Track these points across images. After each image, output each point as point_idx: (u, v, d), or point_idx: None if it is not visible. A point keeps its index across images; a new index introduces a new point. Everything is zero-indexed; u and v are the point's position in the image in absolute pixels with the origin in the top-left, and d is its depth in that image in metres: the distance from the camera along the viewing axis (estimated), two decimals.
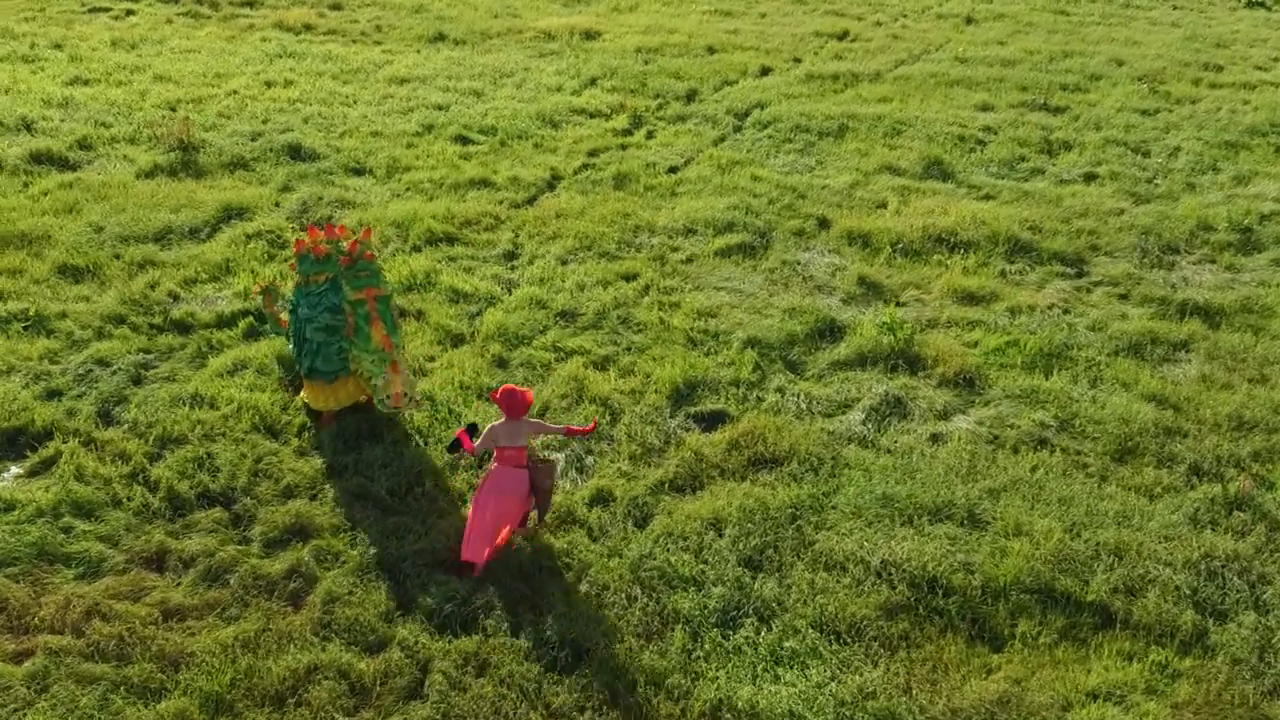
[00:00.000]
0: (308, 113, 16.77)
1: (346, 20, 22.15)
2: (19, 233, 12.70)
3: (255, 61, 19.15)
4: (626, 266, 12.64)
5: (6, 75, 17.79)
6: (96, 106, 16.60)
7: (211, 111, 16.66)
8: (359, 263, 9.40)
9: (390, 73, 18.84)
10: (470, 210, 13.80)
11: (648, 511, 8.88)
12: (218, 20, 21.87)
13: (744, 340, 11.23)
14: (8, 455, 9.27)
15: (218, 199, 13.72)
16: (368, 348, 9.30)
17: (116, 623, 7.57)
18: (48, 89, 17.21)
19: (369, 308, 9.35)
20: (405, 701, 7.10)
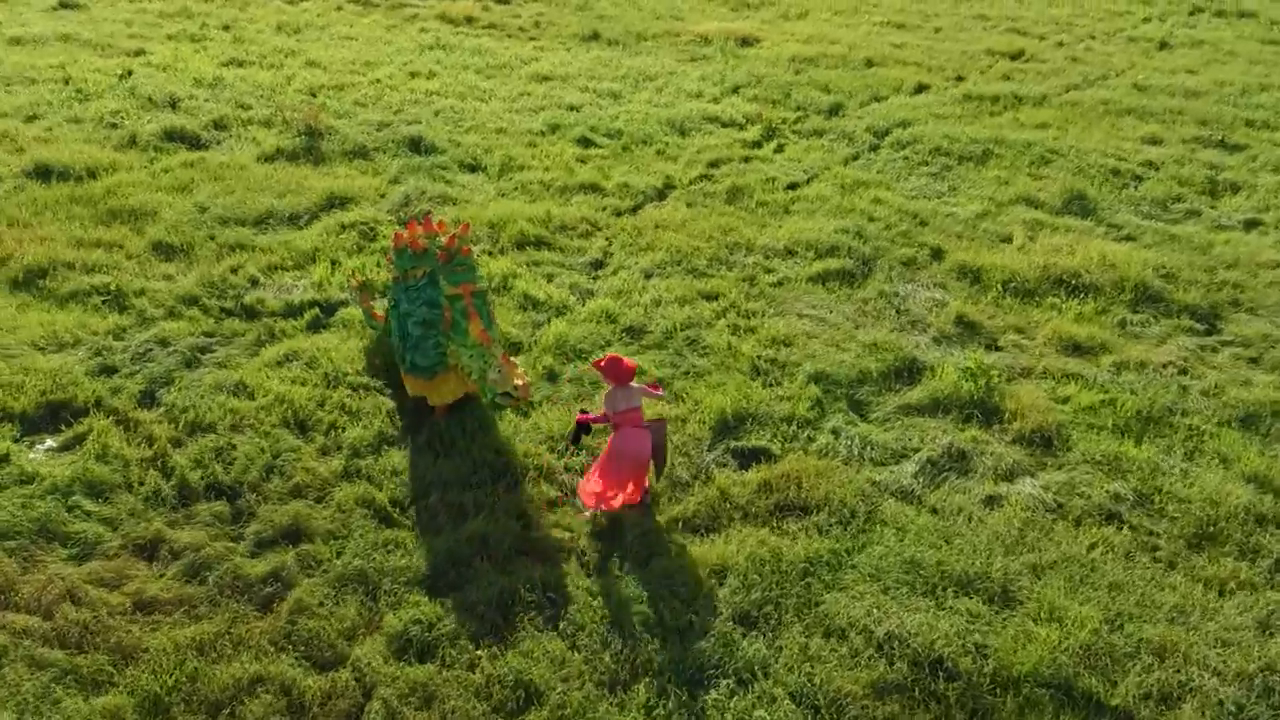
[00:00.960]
0: (440, 105, 16.80)
1: (509, 15, 22.21)
2: (130, 207, 13.03)
3: (406, 52, 19.35)
4: (711, 285, 12.14)
5: (170, 53, 18.43)
6: (243, 88, 17.01)
7: (349, 99, 16.86)
8: (456, 258, 9.31)
9: (533, 70, 18.75)
10: (570, 215, 13.52)
11: (653, 550, 8.40)
12: (385, 8, 22.24)
13: (810, 374, 10.60)
14: (47, 428, 9.41)
15: (325, 187, 13.81)
16: (465, 342, 9.13)
17: (86, 609, 7.56)
18: (203, 69, 17.75)
19: (466, 302, 9.19)
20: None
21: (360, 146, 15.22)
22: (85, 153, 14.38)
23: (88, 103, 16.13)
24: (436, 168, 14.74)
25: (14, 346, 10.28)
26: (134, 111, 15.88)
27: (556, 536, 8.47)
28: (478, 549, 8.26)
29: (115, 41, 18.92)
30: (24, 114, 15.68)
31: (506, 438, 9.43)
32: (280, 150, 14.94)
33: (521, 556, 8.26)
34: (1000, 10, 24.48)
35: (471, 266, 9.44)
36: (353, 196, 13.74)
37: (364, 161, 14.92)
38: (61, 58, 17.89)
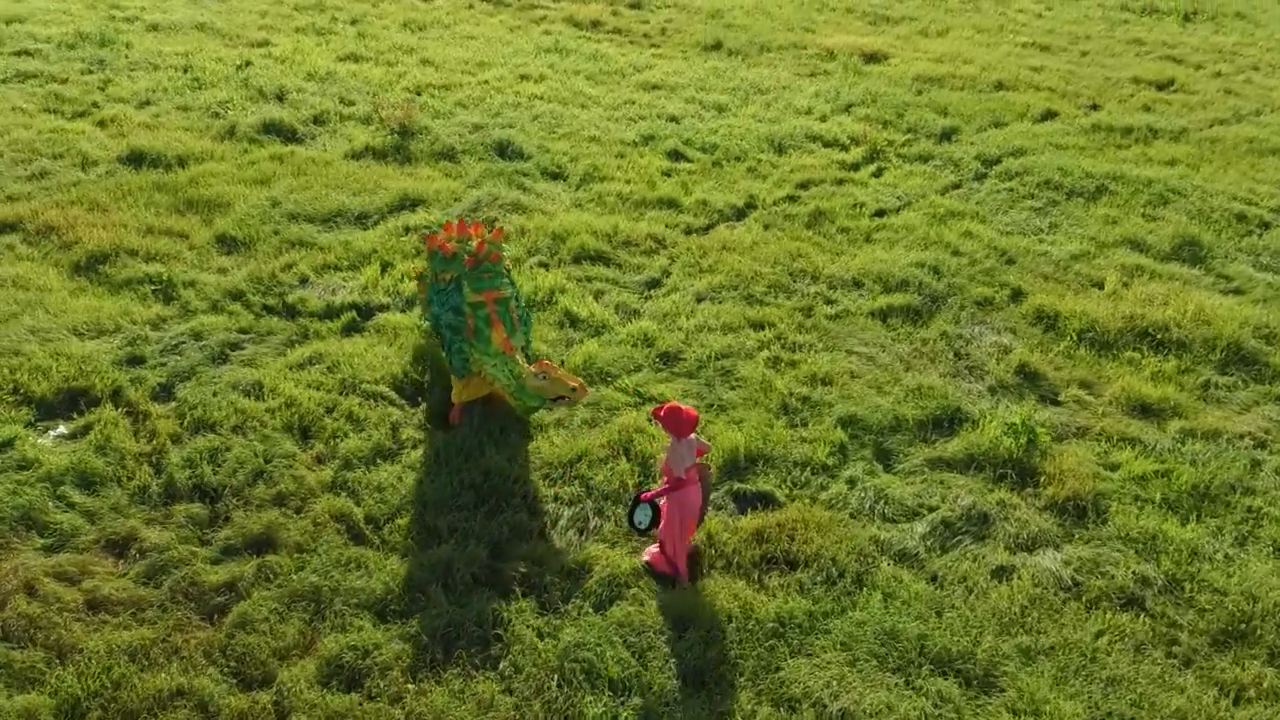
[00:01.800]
0: (541, 110, 16.68)
1: (637, 20, 21.99)
2: (206, 198, 13.28)
3: (523, 54, 19.32)
4: (763, 314, 11.68)
5: (292, 46, 18.81)
6: (351, 84, 17.21)
7: (452, 99, 16.89)
8: (483, 264, 9.20)
9: (644, 78, 18.49)
10: (639, 230, 13.22)
11: (618, 593, 8.05)
12: (514, 9, 22.29)
13: (842, 416, 10.07)
14: (63, 414, 9.57)
15: (401, 187, 13.83)
16: (488, 350, 9.04)
17: (38, 603, 7.62)
18: (319, 62, 18.04)
19: (489, 310, 9.10)
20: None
21: (449, 148, 15.20)
22: (182, 141, 14.72)
23: (200, 91, 16.54)
24: (518, 174, 14.61)
25: (54, 330, 10.51)
26: (241, 102, 16.21)
27: (522, 570, 8.18)
28: (439, 575, 8.04)
29: (245, 32, 19.40)
30: (137, 100, 16.16)
31: (504, 461, 9.17)
32: (369, 148, 15.03)
33: (481, 588, 7.99)
34: (1159, 35, 23.13)
35: (499, 273, 9.31)
36: (426, 199, 13.71)
37: (449, 164, 14.89)
38: (189, 46, 18.42)
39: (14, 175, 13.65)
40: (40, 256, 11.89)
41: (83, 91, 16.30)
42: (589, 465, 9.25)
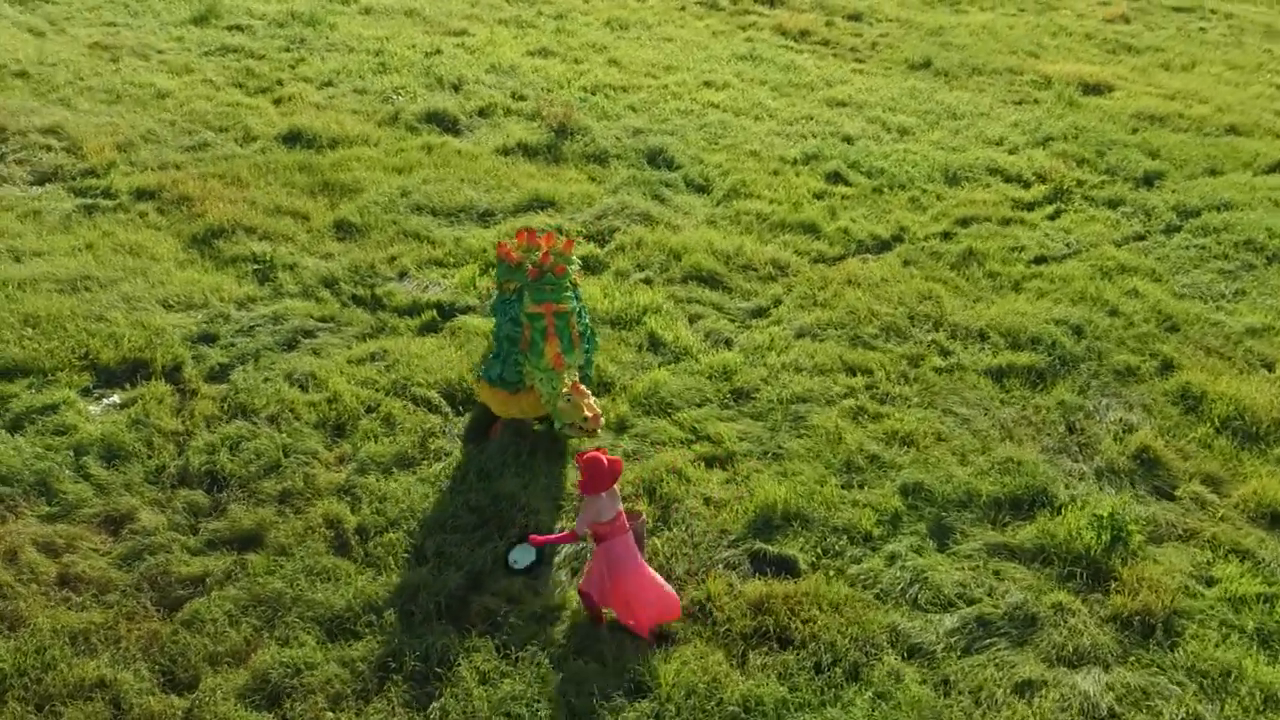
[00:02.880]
0: (710, 119, 16.14)
1: (850, 33, 21.04)
2: (342, 182, 13.40)
3: (715, 60, 18.77)
4: (864, 358, 10.81)
5: (486, 36, 18.89)
6: (531, 79, 17.12)
7: (625, 102, 16.54)
8: (546, 276, 8.85)
9: (833, 94, 17.62)
10: (763, 254, 12.52)
11: (584, 645, 7.54)
12: (727, 14, 21.72)
13: (906, 483, 9.15)
14: (123, 383, 9.74)
15: (535, 187, 13.59)
16: (539, 364, 8.81)
17: (13, 571, 7.71)
18: (506, 55, 18.04)
19: (546, 323, 8.78)
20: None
21: (601, 151, 14.86)
22: (342, 124, 14.94)
23: (382, 76, 16.78)
24: (662, 183, 14.12)
25: (144, 300, 10.76)
26: (416, 89, 16.35)
27: (491, 606, 7.72)
28: (404, 600, 7.71)
29: (448, 20, 19.63)
30: (320, 80, 16.55)
31: (518, 487, 8.73)
32: (522, 145, 14.85)
33: (441, 620, 7.59)
34: None
35: (562, 287, 8.91)
36: (557, 201, 13.42)
37: (597, 167, 14.55)
38: (390, 31, 18.76)
39: (177, 144, 14.13)
40: (165, 226, 12.23)
41: (273, 69, 16.80)
42: None
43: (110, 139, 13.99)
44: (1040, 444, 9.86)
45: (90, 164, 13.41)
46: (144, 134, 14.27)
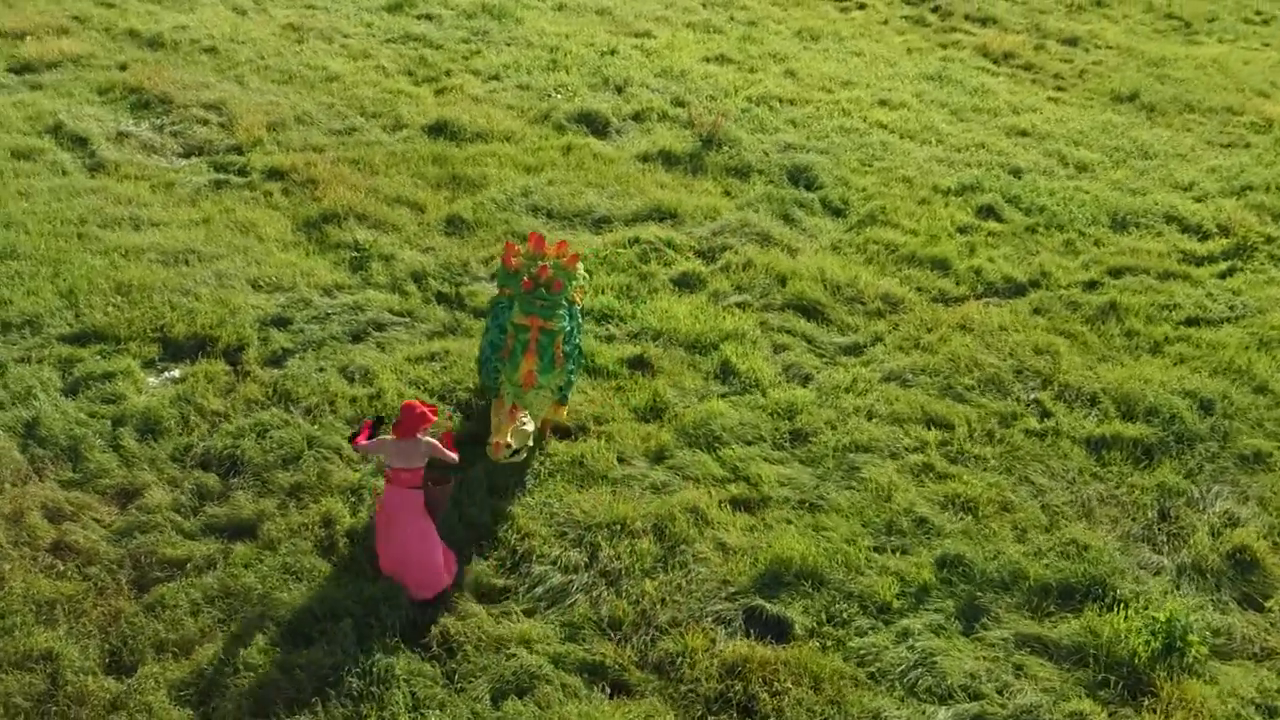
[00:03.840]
0: (872, 139, 15.39)
1: (1059, 58, 19.68)
2: (470, 176, 13.42)
3: (901, 78, 17.90)
4: (950, 412, 10.02)
5: (668, 39, 18.62)
6: (699, 85, 16.75)
7: (785, 116, 15.98)
8: (540, 289, 8.57)
9: (1015, 122, 16.51)
10: (875, 288, 11.82)
11: (528, 686, 7.14)
12: (931, 30, 20.70)
13: (946, 554, 8.39)
14: (186, 358, 9.97)
15: (660, 197, 13.27)
16: (512, 378, 8.56)
17: (12, 530, 7.95)
18: (682, 59, 17.73)
19: (530, 337, 8.50)
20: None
21: (744, 165, 14.38)
22: (492, 118, 14.96)
23: (550, 73, 16.74)
24: (797, 203, 13.53)
25: (236, 278, 11.00)
26: (579, 88, 16.24)
27: (453, 630, 7.45)
28: (364, 612, 7.54)
29: (635, 21, 19.45)
30: (488, 74, 16.64)
31: (521, 509, 8.45)
32: (664, 152, 14.52)
33: (397, 638, 7.38)
34: None
35: (556, 303, 8.58)
36: (679, 214, 13.04)
37: (735, 180, 14.09)
38: (574, 28, 18.74)
39: (326, 127, 14.46)
40: (285, 207, 12.49)
41: (446, 59, 17.00)
42: (610, 535, 8.26)
43: (264, 117, 14.41)
44: (1120, 529, 8.87)
45: (238, 140, 13.84)
46: (298, 115, 14.64)
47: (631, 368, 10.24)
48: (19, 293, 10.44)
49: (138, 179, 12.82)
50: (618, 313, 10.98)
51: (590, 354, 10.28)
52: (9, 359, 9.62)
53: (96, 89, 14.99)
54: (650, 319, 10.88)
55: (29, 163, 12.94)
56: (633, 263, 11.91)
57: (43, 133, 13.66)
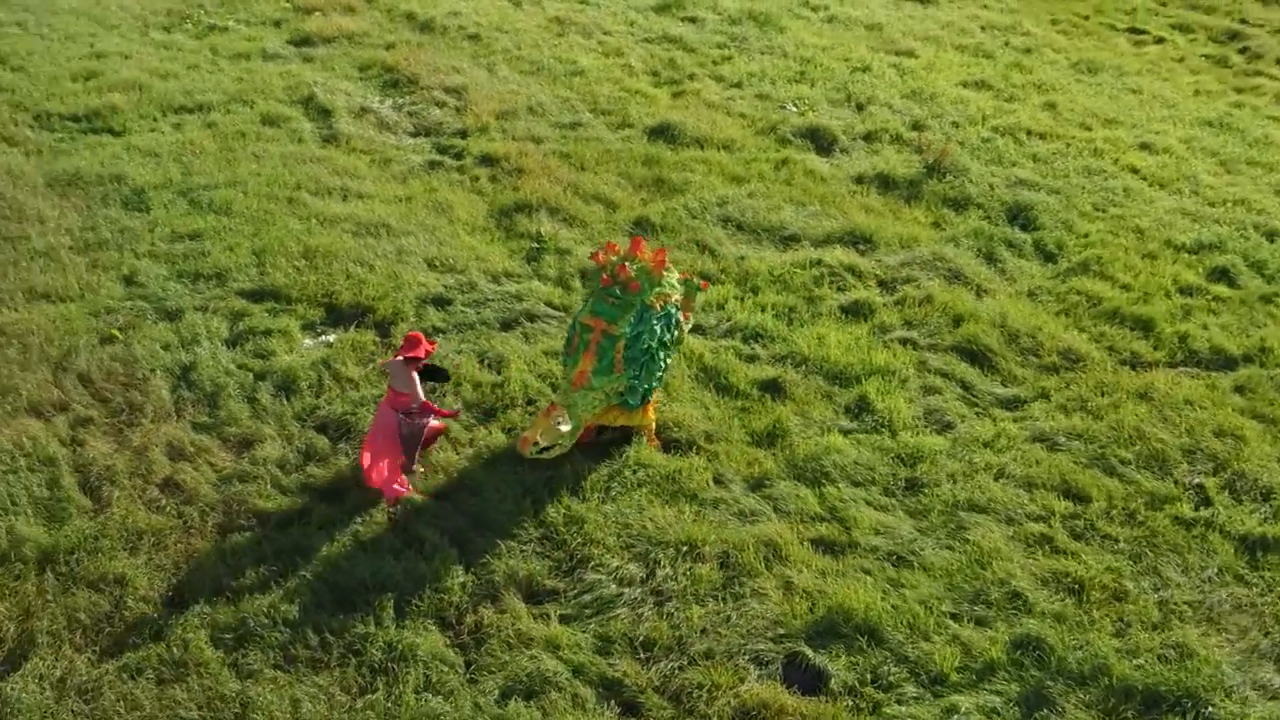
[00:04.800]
0: (1114, 184, 14.40)
1: None
2: (674, 181, 13.51)
3: (1175, 121, 16.60)
4: (1092, 483, 9.34)
5: (929, 60, 18.05)
6: (941, 110, 16.17)
7: (1028, 150, 15.21)
8: (616, 289, 8.64)
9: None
10: (1059, 341, 11.10)
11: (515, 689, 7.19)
12: (1231, 72, 19.06)
13: (1026, 635, 7.85)
14: (347, 324, 10.54)
15: (859, 221, 12.96)
16: (566, 374, 8.71)
17: (131, 462, 8.65)
18: (935, 82, 17.15)
19: (592, 338, 8.60)
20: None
21: (963, 197, 13.81)
22: (717, 125, 15.00)
23: (794, 85, 16.56)
24: (1006, 243, 12.88)
25: (415, 255, 11.55)
26: (818, 102, 16.02)
27: (488, 621, 7.58)
28: (413, 588, 7.76)
29: (903, 39, 18.92)
30: (732, 81, 16.67)
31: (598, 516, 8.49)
32: (882, 175, 14.14)
33: (430, 619, 7.58)
34: None
35: (629, 306, 8.52)
36: (874, 240, 12.69)
37: (949, 212, 13.56)
38: (834, 41, 18.47)
39: (553, 120, 14.89)
40: (486, 192, 12.98)
41: (695, 63, 17.15)
42: (674, 554, 8.17)
43: (498, 105, 14.98)
44: (1247, 641, 7.99)
45: (465, 125, 14.46)
46: (531, 106, 15.13)
47: (763, 390, 10.04)
48: (218, 247, 11.29)
49: (362, 153, 13.59)
50: (770, 333, 10.76)
51: (723, 371, 10.16)
52: (189, 306, 10.41)
53: (358, 65, 15.97)
54: (800, 344, 10.62)
55: (273, 129, 13.95)
56: (806, 285, 11.64)
57: (295, 102, 14.68)
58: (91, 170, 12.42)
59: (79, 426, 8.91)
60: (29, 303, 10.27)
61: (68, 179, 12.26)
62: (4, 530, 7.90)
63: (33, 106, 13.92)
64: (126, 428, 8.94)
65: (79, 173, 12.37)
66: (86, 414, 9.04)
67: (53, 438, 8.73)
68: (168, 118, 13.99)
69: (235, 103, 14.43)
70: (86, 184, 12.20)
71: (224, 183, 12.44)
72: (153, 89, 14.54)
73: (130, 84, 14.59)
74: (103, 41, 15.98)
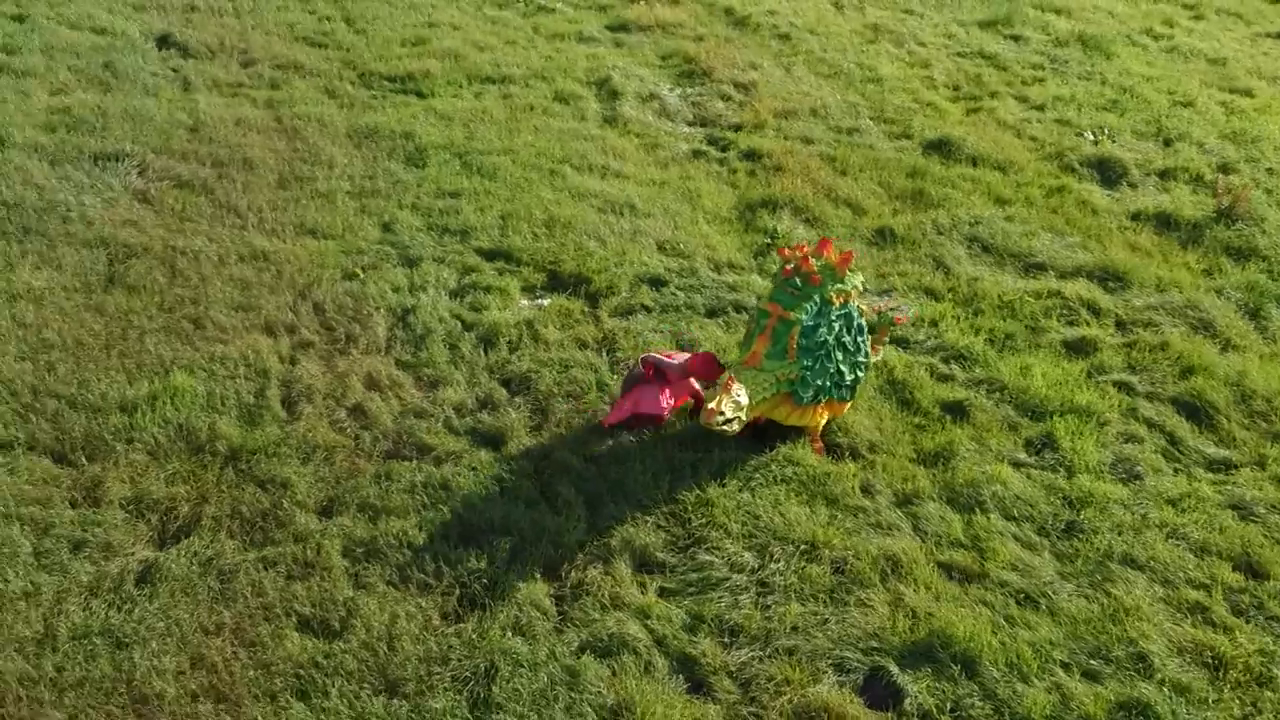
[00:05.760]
0: None
1: None
2: (932, 195, 13.35)
3: None
4: (1267, 558, 8.69)
5: (1264, 101, 16.75)
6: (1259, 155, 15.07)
7: None
8: (796, 278, 8.92)
9: None
10: None
11: (592, 645, 7.57)
12: None
13: (1133, 699, 7.50)
14: (564, 290, 11.21)
15: (1115, 258, 12.36)
16: (742, 355, 9.04)
17: (332, 385, 9.63)
18: (1266, 127, 15.95)
19: (769, 322, 8.91)
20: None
21: (1250, 247, 12.88)
22: (1000, 145, 14.69)
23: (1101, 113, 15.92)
24: (1275, 298, 11.98)
25: (648, 235, 12.07)
26: (1122, 133, 15.34)
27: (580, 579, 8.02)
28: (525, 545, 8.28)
29: (1245, 76, 17.59)
30: (1036, 103, 16.17)
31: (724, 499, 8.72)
32: (1162, 215, 13.41)
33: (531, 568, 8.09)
34: None
35: (807, 296, 8.70)
36: (1127, 279, 12.09)
37: (1229, 261, 12.70)
38: (1165, 72, 17.51)
39: (833, 124, 15.03)
40: (739, 185, 13.32)
41: (1002, 81, 16.77)
42: (793, 551, 8.29)
43: (782, 104, 15.26)
44: None
45: (742, 120, 14.83)
46: (814, 108, 15.31)
47: (945, 411, 9.87)
48: (472, 207, 12.20)
49: (635, 135, 14.22)
50: (975, 356, 10.53)
51: (911, 386, 10.07)
52: (428, 256, 11.34)
53: (661, 54, 16.66)
54: (1002, 371, 10.34)
55: (562, 105, 14.83)
56: (1034, 314, 11.28)
57: (590, 83, 15.51)
58: (387, 126, 13.65)
59: (299, 348, 9.92)
60: (297, 236, 11.47)
61: (365, 132, 13.52)
62: (208, 425, 8.95)
63: (360, 66, 15.38)
64: (338, 355, 9.89)
65: (376, 127, 13.61)
66: (309, 338, 10.05)
67: (273, 354, 9.78)
68: (472, 86, 15.09)
69: (536, 78, 15.39)
70: (379, 138, 13.42)
71: (499, 149, 13.36)
72: (467, 58, 15.73)
73: (449, 52, 15.83)
74: (441, 12, 17.39)
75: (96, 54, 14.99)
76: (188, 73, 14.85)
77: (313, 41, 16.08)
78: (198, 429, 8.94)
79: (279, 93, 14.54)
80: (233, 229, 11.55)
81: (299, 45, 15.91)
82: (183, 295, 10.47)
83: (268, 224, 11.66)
